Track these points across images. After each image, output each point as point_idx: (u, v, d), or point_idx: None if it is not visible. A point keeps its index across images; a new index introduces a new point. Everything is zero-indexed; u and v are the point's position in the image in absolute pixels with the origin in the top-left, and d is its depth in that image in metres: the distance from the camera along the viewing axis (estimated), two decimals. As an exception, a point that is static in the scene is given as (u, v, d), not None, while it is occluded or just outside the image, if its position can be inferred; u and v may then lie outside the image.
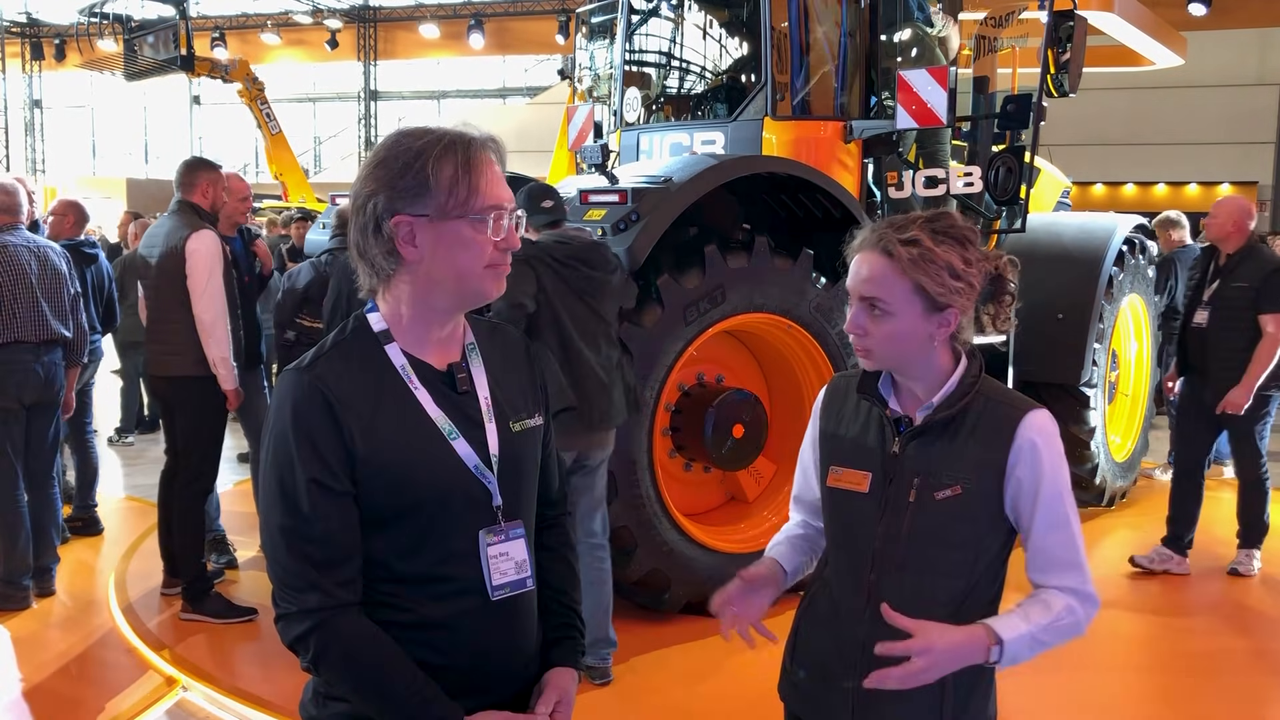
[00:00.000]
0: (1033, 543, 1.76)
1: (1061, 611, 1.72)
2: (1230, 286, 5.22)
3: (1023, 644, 1.69)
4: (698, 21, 6.11)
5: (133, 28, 18.38)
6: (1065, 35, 5.49)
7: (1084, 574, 1.74)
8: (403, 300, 1.58)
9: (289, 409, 1.52)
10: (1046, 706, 3.99)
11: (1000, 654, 1.67)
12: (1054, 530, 1.74)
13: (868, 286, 1.74)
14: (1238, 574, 5.43)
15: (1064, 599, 1.73)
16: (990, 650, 1.67)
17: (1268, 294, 5.10)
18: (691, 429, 4.69)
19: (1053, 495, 1.73)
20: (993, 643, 1.67)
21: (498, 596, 1.60)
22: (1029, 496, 1.73)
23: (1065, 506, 1.74)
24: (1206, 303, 5.31)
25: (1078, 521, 1.76)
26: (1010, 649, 1.67)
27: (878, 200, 5.53)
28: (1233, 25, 19.05)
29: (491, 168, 1.56)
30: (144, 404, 8.60)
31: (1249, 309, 5.14)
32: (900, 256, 1.71)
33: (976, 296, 1.78)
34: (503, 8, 25.47)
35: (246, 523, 5.58)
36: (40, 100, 31.51)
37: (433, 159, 1.51)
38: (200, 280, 4.51)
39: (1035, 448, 1.72)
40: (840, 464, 1.85)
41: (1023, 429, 1.73)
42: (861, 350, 1.78)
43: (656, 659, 4.31)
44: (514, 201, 1.59)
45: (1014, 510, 1.76)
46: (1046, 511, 1.73)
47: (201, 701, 3.96)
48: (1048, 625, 1.71)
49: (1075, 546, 1.75)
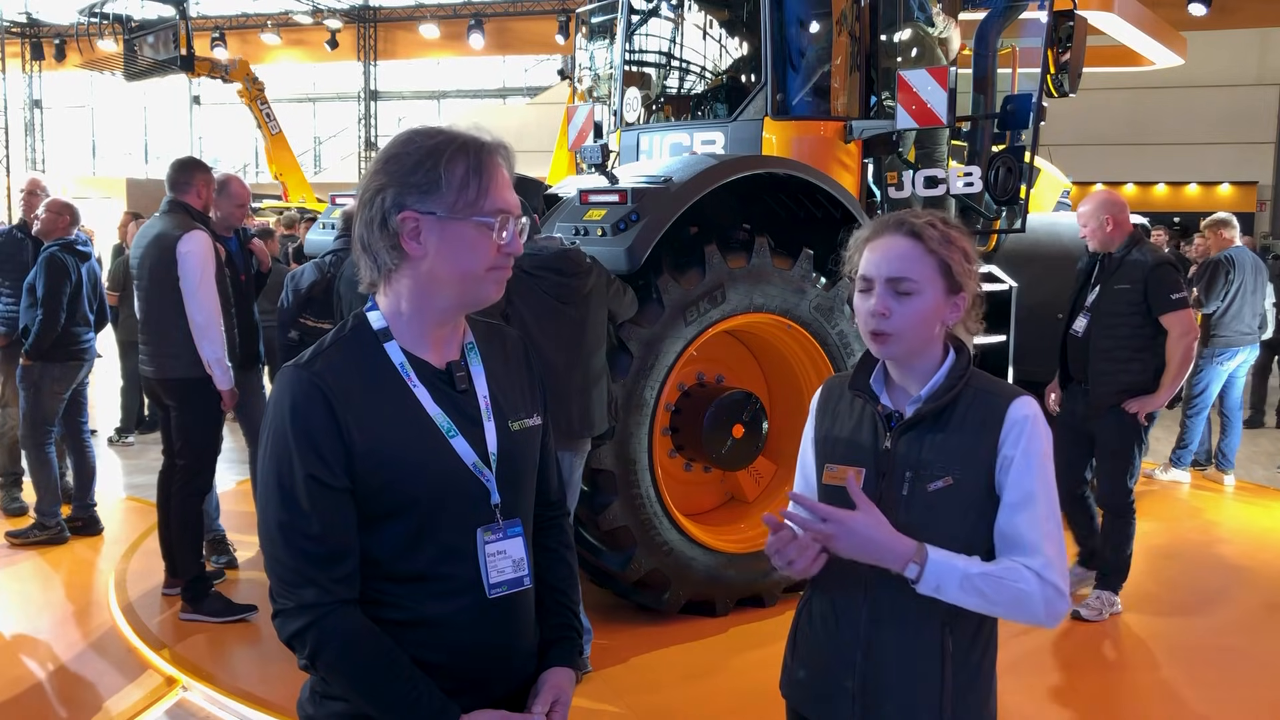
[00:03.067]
0: (999, 520, 1.74)
1: (1009, 570, 1.69)
2: (1112, 290, 4.63)
3: (950, 576, 1.67)
4: (698, 21, 6.11)
5: (133, 28, 18.41)
6: (1065, 35, 5.49)
7: (1047, 560, 1.69)
8: (403, 297, 1.58)
9: (287, 405, 1.52)
10: (1046, 706, 3.99)
11: (919, 573, 1.67)
12: (1021, 508, 1.72)
13: (896, 266, 1.76)
14: (1081, 618, 4.67)
15: (1018, 564, 1.70)
16: (909, 565, 1.67)
17: (1156, 293, 4.52)
18: (691, 429, 4.69)
19: (1025, 473, 1.72)
20: (916, 559, 1.67)
21: (495, 595, 1.61)
22: (1004, 472, 1.73)
23: (1036, 487, 1.72)
24: (1086, 309, 4.73)
25: (1051, 510, 1.73)
26: (932, 572, 1.67)
27: (877, 200, 5.53)
28: (1233, 25, 19.05)
29: (501, 172, 1.57)
30: (144, 404, 8.60)
31: (1133, 314, 4.57)
32: (929, 236, 1.75)
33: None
34: (503, 8, 25.47)
35: (246, 522, 5.59)
36: (40, 100, 31.50)
37: (446, 158, 1.52)
38: (193, 281, 4.50)
39: (1022, 427, 1.74)
40: (835, 461, 1.86)
41: (1011, 411, 1.75)
42: (881, 335, 1.77)
43: (656, 659, 4.31)
44: (520, 208, 1.60)
45: (997, 490, 1.75)
46: (1015, 488, 1.72)
47: (201, 701, 3.96)
48: (988, 574, 1.68)
49: (1040, 531, 1.71)
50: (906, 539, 1.69)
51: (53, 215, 5.76)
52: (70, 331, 5.64)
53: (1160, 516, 6.55)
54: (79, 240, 5.78)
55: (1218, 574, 5.53)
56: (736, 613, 4.73)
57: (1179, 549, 5.99)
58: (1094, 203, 4.70)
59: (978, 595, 1.68)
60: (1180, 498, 7.13)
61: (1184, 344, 4.56)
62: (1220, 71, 20.67)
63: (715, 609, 4.70)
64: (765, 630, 4.52)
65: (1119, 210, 4.66)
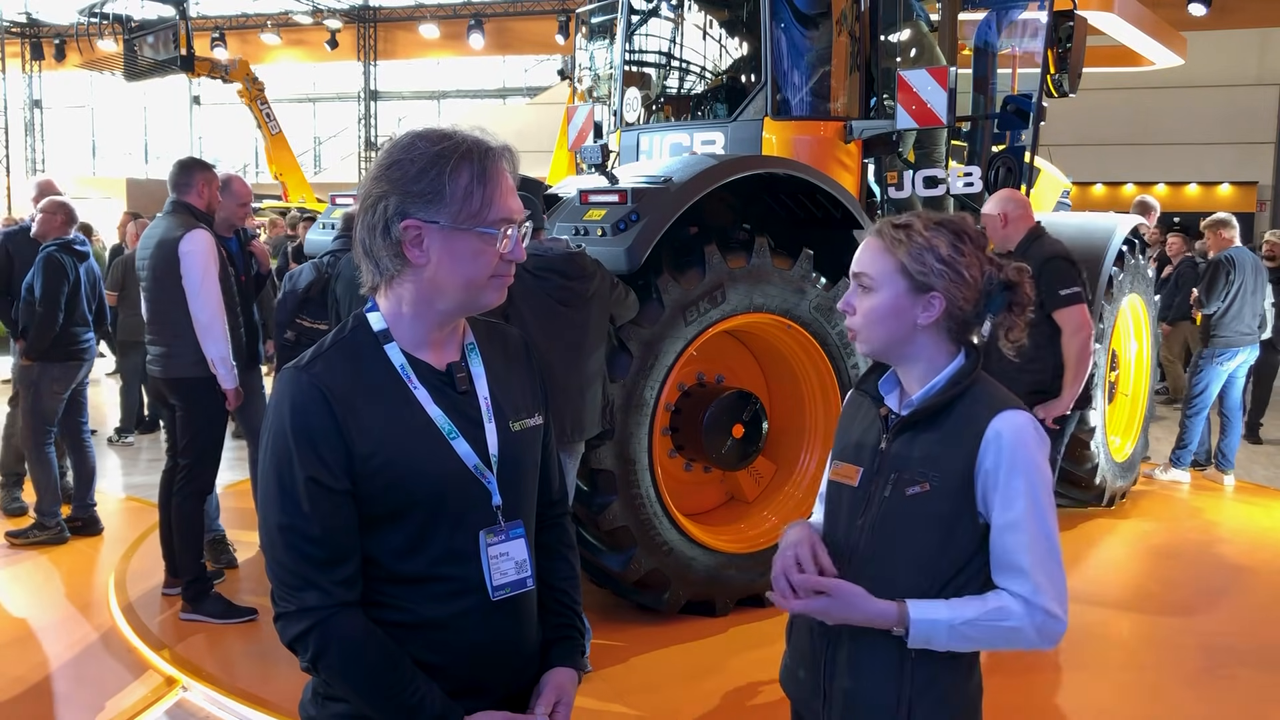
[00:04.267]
0: (990, 541, 1.73)
1: (994, 610, 1.69)
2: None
3: (937, 631, 1.69)
4: (698, 21, 6.12)
5: (133, 28, 18.40)
6: (1065, 35, 5.49)
7: (1033, 585, 1.67)
8: (404, 300, 1.58)
9: (287, 407, 1.52)
10: (1042, 707, 3.99)
11: (907, 633, 1.70)
12: (1009, 532, 1.70)
13: (856, 264, 1.84)
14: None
15: (1006, 600, 1.69)
16: (894, 627, 1.71)
17: (1047, 288, 4.31)
18: (691, 429, 4.69)
19: (1011, 495, 1.69)
20: (899, 624, 1.70)
21: (498, 596, 1.60)
22: (992, 491, 1.71)
23: (1024, 511, 1.68)
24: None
25: (1042, 531, 1.70)
26: (917, 632, 1.70)
27: (878, 200, 5.53)
28: (1233, 25, 19.06)
29: (505, 179, 1.56)
30: (144, 404, 8.60)
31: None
32: (889, 235, 1.80)
33: (973, 291, 1.77)
34: (503, 8, 25.47)
35: (246, 522, 5.58)
36: (40, 100, 31.49)
37: (450, 166, 1.50)
38: (195, 280, 4.52)
39: (1002, 443, 1.70)
40: (841, 459, 1.89)
41: (992, 426, 1.71)
42: (850, 331, 1.85)
43: (656, 659, 4.31)
44: (523, 213, 1.59)
45: (984, 507, 1.73)
46: (1004, 511, 1.70)
47: (201, 701, 3.96)
48: (973, 620, 1.69)
49: (1029, 556, 1.68)
50: (887, 603, 1.71)
51: (48, 216, 5.76)
52: (69, 331, 5.64)
53: (1160, 516, 6.56)
54: (76, 240, 5.78)
55: (1218, 574, 5.53)
56: (736, 613, 4.73)
57: (1179, 549, 5.99)
58: (993, 201, 4.63)
59: (968, 641, 1.72)
60: (1180, 498, 7.13)
61: (1077, 341, 4.39)
62: (1220, 71, 20.66)
63: (715, 609, 4.70)
64: (765, 630, 4.52)
65: (1015, 207, 4.56)
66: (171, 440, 4.86)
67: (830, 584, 1.74)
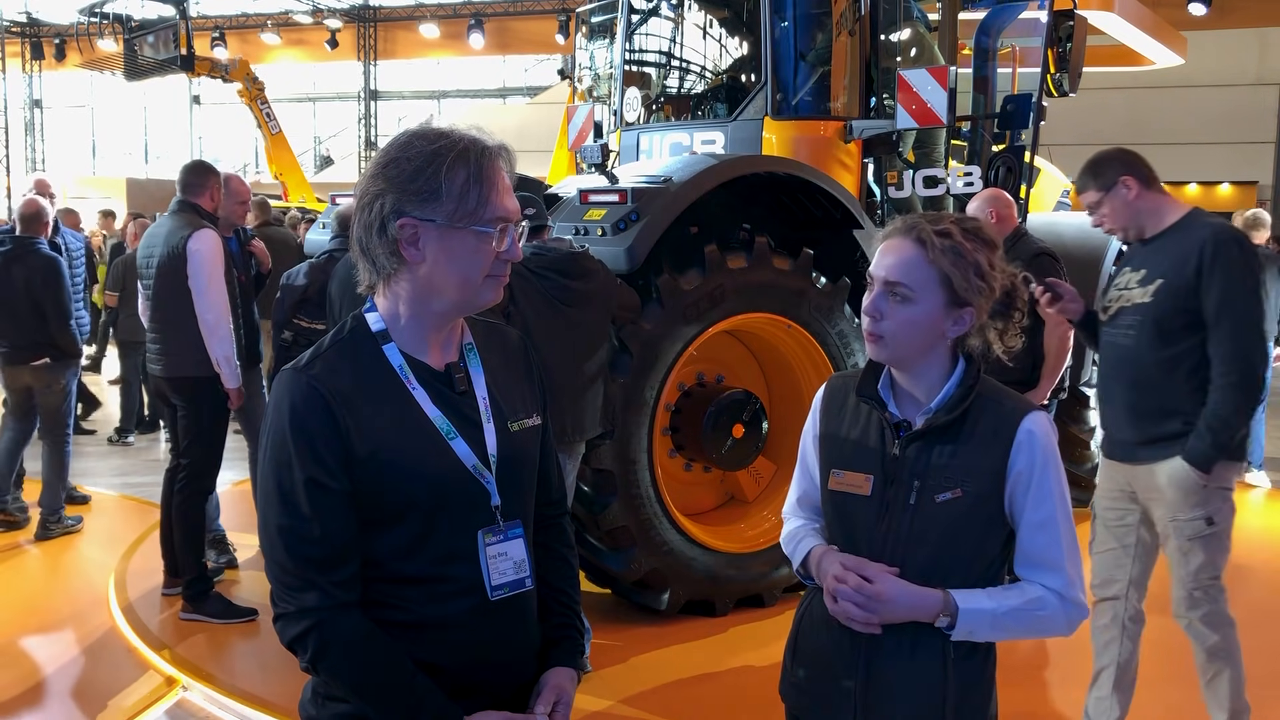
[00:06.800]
0: (1020, 539, 1.77)
1: (1034, 600, 1.73)
2: None
3: (981, 620, 1.71)
4: (698, 21, 6.11)
5: (133, 28, 18.36)
6: (1065, 35, 5.49)
7: (1067, 578, 1.74)
8: (401, 300, 1.58)
9: (287, 408, 1.52)
10: (1047, 706, 3.99)
11: (951, 623, 1.70)
12: (1042, 529, 1.74)
13: (894, 270, 1.75)
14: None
15: (1040, 590, 1.74)
16: (939, 616, 1.71)
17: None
18: (691, 429, 4.69)
19: (1044, 494, 1.73)
20: (945, 610, 1.70)
21: (497, 596, 1.60)
22: (1023, 491, 1.74)
23: (1055, 508, 1.74)
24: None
25: (1069, 527, 1.75)
26: (964, 621, 1.71)
27: (878, 200, 5.53)
28: (1233, 25, 19.06)
29: (502, 178, 1.56)
30: (144, 404, 8.60)
31: None
32: (933, 244, 1.73)
33: (993, 304, 1.78)
34: (503, 8, 25.48)
35: (246, 522, 5.58)
36: (40, 100, 31.50)
37: (446, 165, 1.50)
38: (202, 279, 4.53)
39: (1034, 444, 1.74)
40: (842, 467, 1.85)
41: (1023, 427, 1.74)
42: (873, 336, 1.77)
43: (656, 659, 4.31)
44: (520, 213, 1.59)
45: (1010, 506, 1.76)
46: (1036, 509, 1.74)
47: (201, 701, 3.96)
48: (1016, 609, 1.72)
49: (1062, 549, 1.74)
50: (929, 591, 1.71)
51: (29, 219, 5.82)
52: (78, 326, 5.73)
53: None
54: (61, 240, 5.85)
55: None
56: (736, 613, 4.72)
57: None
58: (980, 200, 4.65)
59: (1006, 631, 1.74)
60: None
61: (1058, 334, 4.47)
62: (1220, 71, 20.65)
63: (715, 609, 4.70)
64: (765, 630, 4.52)
65: (1004, 205, 4.60)
66: (174, 440, 4.87)
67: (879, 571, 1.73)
